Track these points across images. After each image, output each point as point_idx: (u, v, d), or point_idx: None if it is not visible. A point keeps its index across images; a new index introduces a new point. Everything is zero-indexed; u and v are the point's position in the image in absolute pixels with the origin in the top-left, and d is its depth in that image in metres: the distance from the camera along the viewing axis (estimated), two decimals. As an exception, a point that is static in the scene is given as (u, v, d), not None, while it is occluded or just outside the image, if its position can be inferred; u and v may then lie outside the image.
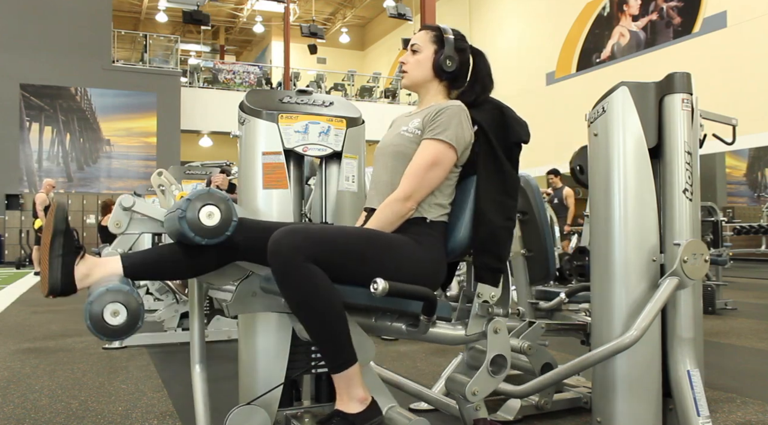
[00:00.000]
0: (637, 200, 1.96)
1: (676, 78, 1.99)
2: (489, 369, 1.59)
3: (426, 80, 1.80)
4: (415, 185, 1.63)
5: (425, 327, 1.53)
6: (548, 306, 2.79)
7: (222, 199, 1.53)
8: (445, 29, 1.79)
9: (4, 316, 5.56)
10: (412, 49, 1.81)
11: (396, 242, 1.59)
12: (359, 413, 1.48)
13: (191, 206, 1.50)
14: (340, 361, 1.47)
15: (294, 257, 1.41)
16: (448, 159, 1.65)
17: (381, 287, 1.37)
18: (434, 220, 1.67)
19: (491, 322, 1.60)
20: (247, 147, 2.00)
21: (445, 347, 3.69)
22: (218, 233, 1.52)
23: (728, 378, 3.06)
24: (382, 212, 1.64)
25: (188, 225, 1.49)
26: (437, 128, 1.66)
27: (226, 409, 1.79)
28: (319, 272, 1.43)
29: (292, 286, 1.43)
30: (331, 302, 1.44)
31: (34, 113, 14.84)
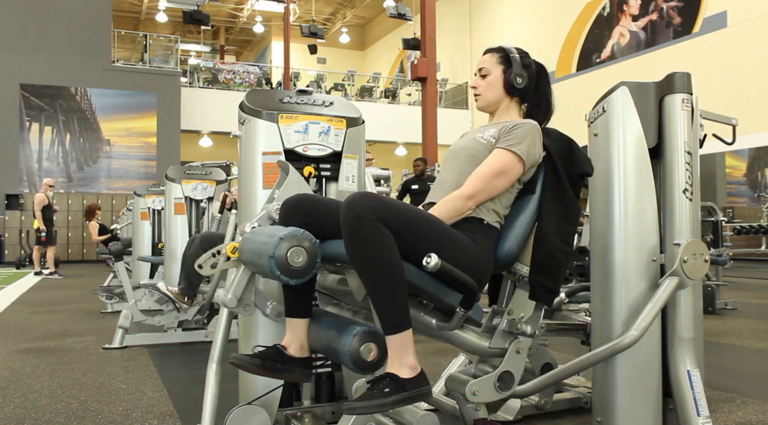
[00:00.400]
0: (637, 200, 1.96)
1: (676, 78, 1.99)
2: (496, 383, 1.61)
3: (499, 100, 1.90)
4: (480, 188, 1.69)
5: (459, 320, 1.54)
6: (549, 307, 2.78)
7: (308, 239, 1.56)
8: (510, 49, 1.90)
9: (4, 316, 5.56)
10: (480, 73, 1.92)
11: (455, 234, 1.63)
12: (410, 378, 1.49)
13: (280, 246, 1.52)
14: (397, 323, 1.49)
15: (368, 215, 1.45)
16: (515, 170, 1.71)
17: (434, 262, 1.42)
18: (490, 224, 1.71)
19: (516, 341, 1.62)
20: (247, 147, 2.00)
21: (445, 347, 3.69)
22: (304, 273, 1.54)
23: (728, 378, 3.06)
24: (444, 205, 1.69)
25: (276, 265, 1.52)
26: (512, 139, 1.73)
27: (226, 409, 1.79)
28: (388, 233, 1.47)
29: (362, 241, 1.46)
30: (396, 262, 1.48)
31: (34, 113, 14.84)
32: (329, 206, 1.70)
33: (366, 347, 1.53)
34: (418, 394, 1.49)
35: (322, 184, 2.13)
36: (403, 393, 1.46)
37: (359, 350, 1.53)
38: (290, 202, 1.72)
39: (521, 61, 1.88)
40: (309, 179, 2.04)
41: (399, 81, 20.71)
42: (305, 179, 2.00)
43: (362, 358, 1.53)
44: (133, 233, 6.35)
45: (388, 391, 1.45)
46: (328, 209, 1.67)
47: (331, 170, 2.09)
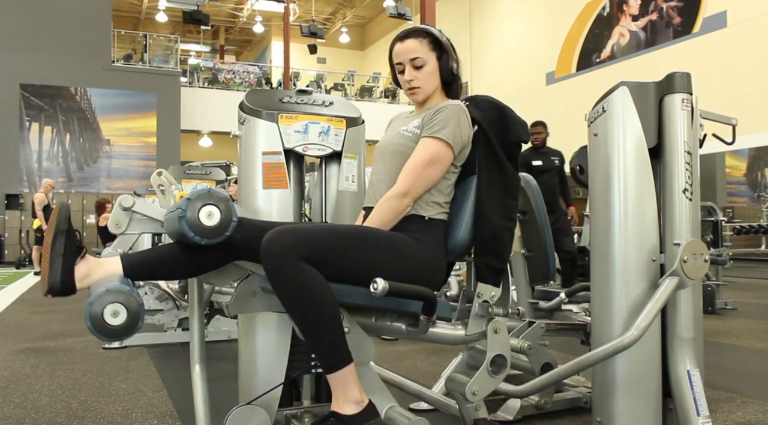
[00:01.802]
0: (637, 200, 1.96)
1: (676, 78, 1.99)
2: (489, 369, 1.59)
3: (436, 89, 1.80)
4: (413, 182, 1.63)
5: (425, 326, 1.53)
6: (548, 306, 2.79)
7: (222, 199, 1.53)
8: (435, 32, 1.77)
9: (4, 316, 5.56)
10: (414, 64, 1.75)
11: (394, 240, 1.58)
12: (355, 415, 1.47)
13: (191, 205, 1.50)
14: (334, 361, 1.46)
15: (286, 256, 1.41)
16: (445, 157, 1.65)
17: (381, 287, 1.37)
18: (432, 217, 1.66)
19: (491, 322, 1.60)
20: (247, 147, 2.00)
21: (444, 347, 3.69)
22: (218, 233, 1.52)
23: (728, 378, 3.06)
24: (379, 209, 1.64)
25: (188, 225, 1.49)
26: (435, 126, 1.66)
27: (226, 409, 1.79)
28: (312, 271, 1.42)
29: (284, 285, 1.43)
30: (323, 301, 1.44)
31: (34, 112, 14.84)
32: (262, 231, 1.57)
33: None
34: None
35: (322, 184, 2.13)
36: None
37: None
38: None
39: (450, 44, 1.76)
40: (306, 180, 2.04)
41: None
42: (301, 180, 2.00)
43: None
44: (133, 233, 6.33)
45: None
46: None
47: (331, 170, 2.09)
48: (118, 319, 1.43)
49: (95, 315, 1.42)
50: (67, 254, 1.50)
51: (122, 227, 1.71)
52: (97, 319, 1.42)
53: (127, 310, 1.44)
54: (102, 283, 1.49)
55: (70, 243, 1.51)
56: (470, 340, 1.63)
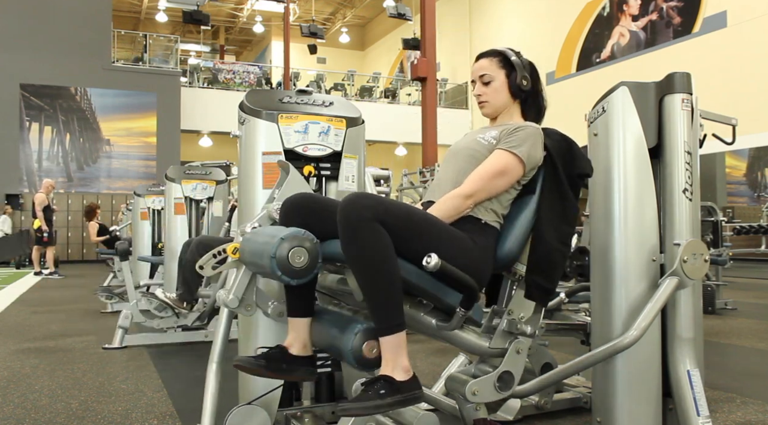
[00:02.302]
0: (637, 200, 1.96)
1: (676, 78, 1.99)
2: (496, 383, 1.61)
3: (506, 105, 1.89)
4: (479, 187, 1.69)
5: (459, 320, 1.54)
6: (548, 306, 2.78)
7: (309, 239, 1.56)
8: (507, 52, 1.88)
9: (4, 316, 5.56)
10: (482, 80, 1.88)
11: (455, 233, 1.63)
12: (404, 381, 1.49)
13: (281, 246, 1.52)
14: (392, 324, 1.49)
15: (364, 215, 1.45)
16: (515, 172, 1.71)
17: (435, 261, 1.41)
18: (488, 223, 1.71)
19: (515, 342, 1.62)
20: (247, 147, 2.00)
21: (444, 347, 3.69)
22: (305, 274, 1.54)
23: (728, 378, 3.06)
24: (443, 204, 1.69)
25: (278, 265, 1.51)
26: (513, 141, 1.73)
27: (226, 409, 1.79)
28: (384, 233, 1.47)
29: (359, 241, 1.46)
30: (391, 263, 1.48)
31: (34, 112, 14.83)
32: (329, 205, 1.69)
33: (368, 344, 1.53)
34: (412, 397, 1.50)
35: (322, 184, 2.13)
36: (397, 395, 1.46)
37: (361, 347, 1.53)
38: (290, 202, 1.72)
39: (521, 61, 1.87)
40: (309, 179, 2.04)
41: (399, 81, 20.70)
42: (305, 178, 2.00)
43: (364, 355, 1.53)
44: (133, 233, 6.34)
45: (383, 393, 1.45)
46: (328, 209, 1.67)
47: (331, 170, 2.09)
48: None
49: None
50: None
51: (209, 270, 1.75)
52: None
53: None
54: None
55: None
56: (490, 354, 1.65)
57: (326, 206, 1.70)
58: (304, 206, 1.70)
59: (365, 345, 1.53)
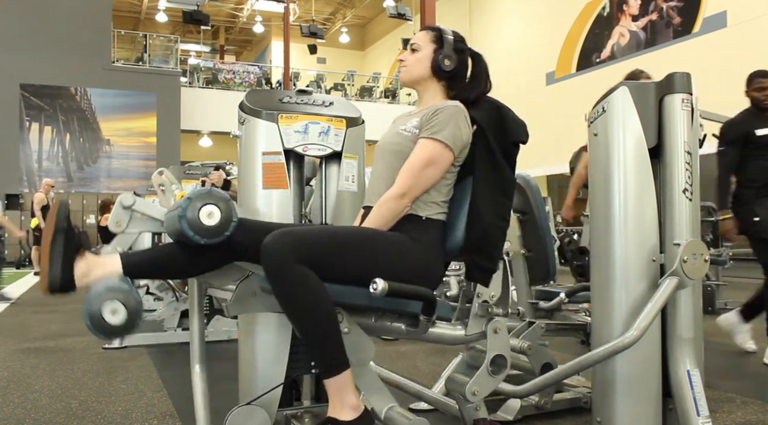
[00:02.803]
0: (637, 200, 1.96)
1: (676, 78, 1.99)
2: (489, 369, 1.59)
3: (424, 78, 1.81)
4: (411, 183, 1.63)
5: (425, 326, 1.53)
6: (548, 306, 2.78)
7: (223, 198, 1.53)
8: (445, 30, 1.81)
9: (4, 316, 5.56)
10: (411, 47, 1.82)
11: (393, 241, 1.59)
12: (352, 421, 1.47)
13: (191, 205, 1.50)
14: (331, 365, 1.46)
15: (285, 258, 1.41)
16: (444, 159, 1.65)
17: (380, 287, 1.37)
18: (430, 217, 1.67)
19: (491, 322, 1.60)
20: (247, 147, 2.00)
21: (444, 347, 3.69)
22: (218, 232, 1.52)
23: (728, 378, 3.06)
24: (378, 210, 1.64)
25: (188, 224, 1.49)
26: (434, 127, 1.67)
27: (226, 409, 1.79)
28: (311, 275, 1.43)
29: (284, 288, 1.43)
30: (321, 304, 1.44)
31: (34, 112, 14.84)
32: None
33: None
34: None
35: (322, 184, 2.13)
36: None
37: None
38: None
39: (454, 45, 1.79)
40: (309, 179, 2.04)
41: (399, 80, 20.68)
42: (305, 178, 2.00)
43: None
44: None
45: None
46: None
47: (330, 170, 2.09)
48: (116, 317, 1.43)
49: (94, 313, 1.43)
50: (66, 252, 1.50)
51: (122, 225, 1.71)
52: (95, 317, 1.42)
53: (126, 308, 1.44)
54: (101, 281, 1.49)
55: (70, 241, 1.51)
56: (470, 340, 1.63)
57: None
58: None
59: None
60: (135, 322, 1.47)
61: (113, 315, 1.43)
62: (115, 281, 1.48)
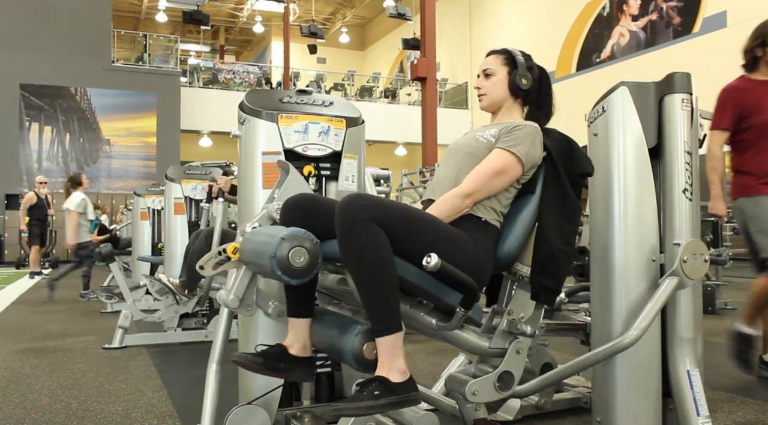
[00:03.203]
0: (637, 200, 1.96)
1: (676, 78, 1.99)
2: (496, 383, 1.61)
3: (503, 100, 1.90)
4: (479, 186, 1.70)
5: (459, 320, 1.54)
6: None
7: (310, 239, 1.56)
8: (514, 51, 1.92)
9: (4, 316, 5.56)
10: (485, 73, 1.92)
11: (454, 233, 1.63)
12: (400, 383, 1.48)
13: (281, 245, 1.51)
14: (388, 325, 1.48)
15: (360, 214, 1.45)
16: (514, 171, 1.72)
17: (434, 262, 1.41)
18: (488, 221, 1.71)
19: (515, 342, 1.62)
20: (247, 147, 2.00)
21: (444, 347, 3.69)
22: (306, 274, 1.54)
23: (728, 378, 3.06)
24: (442, 204, 1.69)
25: (278, 265, 1.51)
26: (512, 140, 1.73)
27: (226, 409, 1.79)
28: (381, 233, 1.46)
29: (354, 241, 1.46)
30: (388, 263, 1.47)
31: (34, 112, 14.84)
32: (329, 205, 1.69)
33: (368, 346, 1.53)
34: (407, 399, 1.49)
35: (322, 184, 2.13)
36: (392, 397, 1.45)
37: (362, 349, 1.53)
38: (291, 202, 1.72)
39: (525, 64, 1.90)
40: (308, 179, 2.04)
41: (399, 81, 20.70)
42: (305, 178, 2.00)
43: (365, 357, 1.53)
44: (133, 233, 6.35)
45: (377, 394, 1.44)
46: (329, 209, 1.67)
47: (330, 170, 2.09)
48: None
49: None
50: None
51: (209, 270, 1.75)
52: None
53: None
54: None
55: None
56: (490, 354, 1.64)
57: (326, 206, 1.70)
58: (304, 207, 1.70)
59: (365, 347, 1.53)
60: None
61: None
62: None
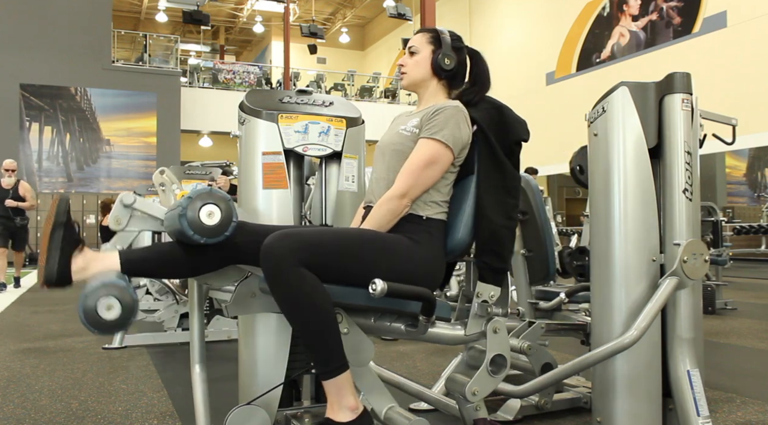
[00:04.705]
0: (637, 200, 1.96)
1: (676, 78, 1.99)
2: (489, 368, 1.59)
3: (425, 79, 1.81)
4: (411, 183, 1.64)
5: (424, 327, 1.53)
6: (548, 306, 2.78)
7: (223, 198, 1.53)
8: (442, 30, 1.81)
9: (4, 316, 5.56)
10: (410, 50, 1.83)
11: (393, 242, 1.59)
12: (349, 422, 1.47)
13: (192, 204, 1.50)
14: (330, 367, 1.47)
15: (285, 260, 1.41)
16: (444, 158, 1.66)
17: (380, 288, 1.37)
18: (431, 217, 1.67)
19: (490, 322, 1.60)
20: (247, 147, 2.00)
21: (444, 347, 3.69)
22: (218, 232, 1.52)
23: (728, 378, 3.06)
24: (378, 211, 1.64)
25: (188, 223, 1.49)
26: (434, 127, 1.67)
27: (226, 409, 1.79)
28: (310, 276, 1.43)
29: (283, 290, 1.43)
30: (320, 306, 1.44)
31: (34, 113, 14.84)
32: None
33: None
34: None
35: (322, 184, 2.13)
36: None
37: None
38: None
39: (451, 44, 1.79)
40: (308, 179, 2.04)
41: (399, 81, 20.71)
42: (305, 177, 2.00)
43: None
44: (133, 233, 6.33)
45: None
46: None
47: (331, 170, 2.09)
48: (111, 313, 1.45)
49: (89, 308, 1.44)
50: (65, 246, 1.51)
51: (122, 223, 1.71)
52: (90, 312, 1.44)
53: (121, 304, 1.46)
54: (98, 277, 1.50)
55: (69, 236, 1.52)
56: (469, 340, 1.63)
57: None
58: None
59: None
60: (129, 319, 1.48)
61: (108, 311, 1.45)
62: (111, 277, 1.49)
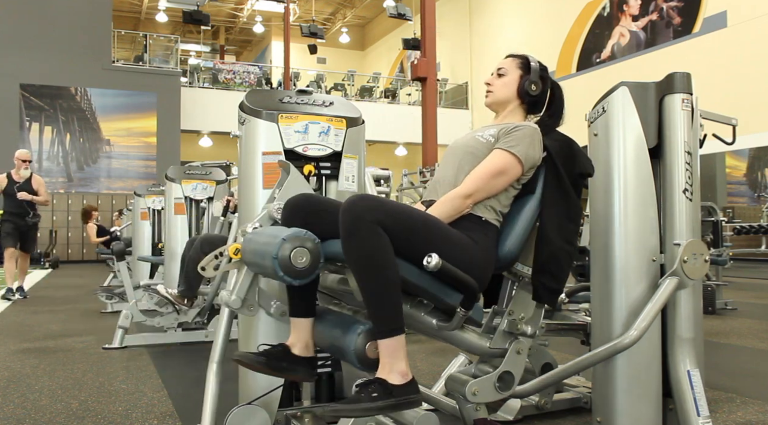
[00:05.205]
0: (637, 200, 1.96)
1: (676, 78, 1.99)
2: (496, 383, 1.61)
3: (509, 100, 1.92)
4: (479, 187, 1.71)
5: (459, 320, 1.54)
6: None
7: (311, 239, 1.57)
8: (532, 58, 1.93)
9: (4, 316, 5.56)
10: (498, 72, 1.94)
11: (455, 234, 1.64)
12: (399, 385, 1.48)
13: (283, 246, 1.52)
14: (389, 327, 1.48)
15: (364, 217, 1.46)
16: (514, 171, 1.73)
17: (435, 261, 1.43)
18: (489, 221, 1.72)
19: (516, 342, 1.62)
20: (247, 147, 2.00)
21: (444, 347, 3.69)
22: (307, 274, 1.55)
23: (728, 378, 3.06)
24: (442, 205, 1.70)
25: (280, 265, 1.52)
26: (511, 141, 1.74)
27: (226, 409, 1.79)
28: (384, 236, 1.47)
29: (358, 242, 1.46)
30: (391, 266, 1.48)
31: (34, 113, 14.83)
32: (330, 205, 1.70)
33: (371, 345, 1.53)
34: (406, 402, 1.48)
35: (322, 184, 2.13)
36: (390, 399, 1.45)
37: (364, 348, 1.53)
38: (292, 202, 1.72)
39: (539, 72, 1.91)
40: (309, 178, 2.04)
41: (399, 81, 20.70)
42: (305, 177, 2.00)
43: (367, 356, 1.53)
44: (133, 233, 6.34)
45: (375, 396, 1.44)
46: (329, 209, 1.68)
47: (331, 170, 2.09)
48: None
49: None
50: None
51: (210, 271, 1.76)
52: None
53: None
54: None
55: None
56: (490, 354, 1.65)
57: (327, 207, 1.70)
58: (306, 207, 1.71)
59: (368, 346, 1.53)
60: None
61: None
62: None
